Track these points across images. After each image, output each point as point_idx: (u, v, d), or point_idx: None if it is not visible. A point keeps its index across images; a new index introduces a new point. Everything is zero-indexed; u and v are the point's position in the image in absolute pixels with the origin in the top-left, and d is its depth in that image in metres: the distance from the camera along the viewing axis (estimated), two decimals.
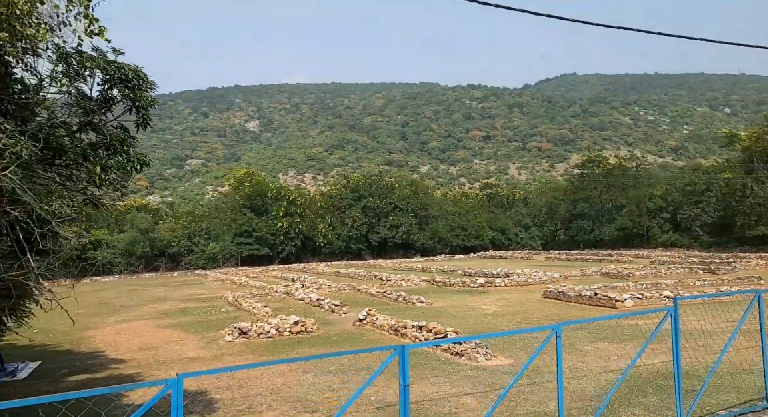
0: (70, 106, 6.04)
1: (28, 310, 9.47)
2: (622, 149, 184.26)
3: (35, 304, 9.83)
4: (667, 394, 10.27)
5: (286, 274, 45.47)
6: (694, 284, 26.08)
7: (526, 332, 13.19)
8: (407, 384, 5.28)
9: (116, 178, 6.45)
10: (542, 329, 7.02)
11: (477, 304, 23.80)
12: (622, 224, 67.84)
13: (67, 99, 6.36)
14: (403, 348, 5.34)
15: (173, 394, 4.29)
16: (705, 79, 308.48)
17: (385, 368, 5.64)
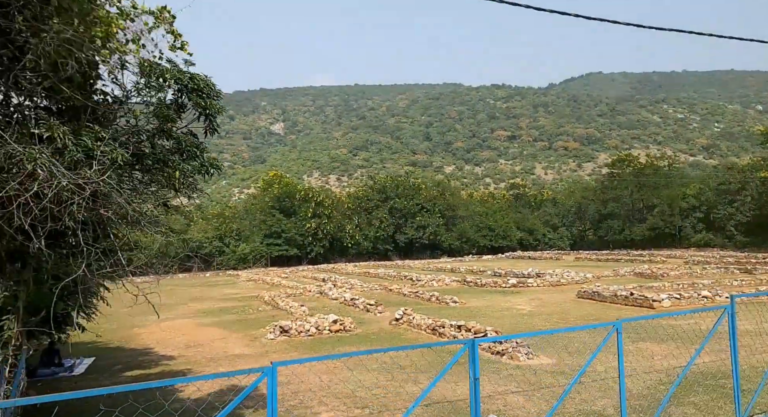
0: (148, 114, 6.41)
1: (95, 306, 9.95)
2: (651, 148, 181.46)
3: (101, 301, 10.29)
4: (717, 394, 10.31)
5: (316, 275, 45.97)
6: (731, 284, 25.73)
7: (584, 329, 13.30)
8: (477, 377, 5.50)
9: (192, 181, 6.82)
10: (603, 326, 7.16)
11: (511, 305, 23.86)
12: (653, 224, 66.85)
13: (146, 107, 6.74)
14: (473, 342, 5.57)
15: (269, 381, 4.59)
16: (736, 76, 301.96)
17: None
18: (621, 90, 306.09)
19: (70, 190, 5.09)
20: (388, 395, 11.28)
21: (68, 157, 5.30)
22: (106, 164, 5.50)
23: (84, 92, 6.14)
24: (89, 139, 5.56)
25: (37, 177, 5.12)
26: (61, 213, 5.13)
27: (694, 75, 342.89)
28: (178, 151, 6.91)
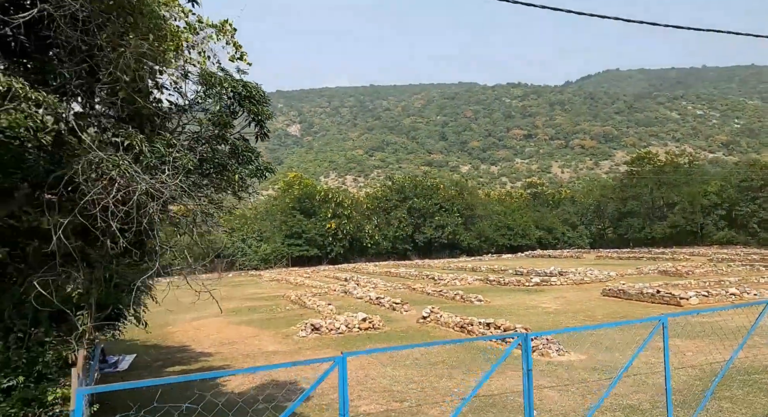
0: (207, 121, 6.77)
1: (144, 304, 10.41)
2: (670, 145, 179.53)
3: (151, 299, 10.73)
4: (752, 388, 10.47)
5: (338, 274, 46.40)
6: (758, 282, 25.62)
7: (630, 324, 13.57)
8: (530, 368, 5.78)
9: (249, 184, 7.20)
10: (648, 320, 7.39)
11: (535, 303, 24.01)
12: (674, 222, 66.33)
13: (205, 115, 7.12)
14: (526, 336, 5.85)
15: (339, 370, 4.93)
16: (757, 71, 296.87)
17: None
18: (638, 87, 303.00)
19: (149, 194, 5.46)
20: (425, 390, 11.58)
21: (145, 163, 5.68)
22: (179, 169, 5.87)
23: (151, 101, 6.52)
24: (161, 146, 5.94)
25: (115, 182, 5.52)
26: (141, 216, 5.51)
27: (713, 70, 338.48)
28: (234, 156, 7.28)
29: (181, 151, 5.98)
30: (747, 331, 12.86)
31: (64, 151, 6.03)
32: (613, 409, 10.00)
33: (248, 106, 7.37)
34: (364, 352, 5.73)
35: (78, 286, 6.57)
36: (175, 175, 5.79)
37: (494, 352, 14.82)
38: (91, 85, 5.92)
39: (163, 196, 5.39)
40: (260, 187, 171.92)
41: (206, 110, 6.92)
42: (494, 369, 6.10)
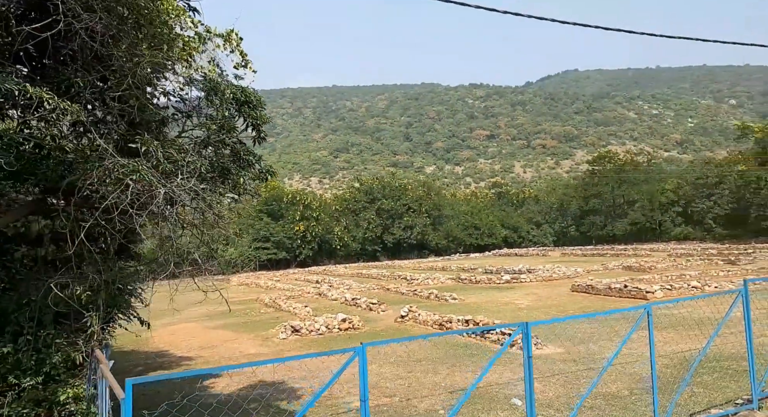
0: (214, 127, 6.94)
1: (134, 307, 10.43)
2: (628, 144, 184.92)
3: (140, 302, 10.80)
4: (720, 374, 11.14)
5: (308, 277, 46.39)
6: (717, 275, 26.88)
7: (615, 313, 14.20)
8: (530, 355, 6.16)
9: (252, 187, 7.40)
10: (634, 309, 7.89)
11: (508, 299, 24.65)
12: (634, 219, 68.60)
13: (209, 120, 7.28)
14: (527, 324, 6.22)
15: (360, 360, 5.23)
16: (708, 71, 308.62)
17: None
18: (597, 87, 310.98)
19: (168, 199, 5.63)
20: (412, 385, 11.93)
21: (161, 169, 5.85)
22: (192, 174, 6.05)
23: (160, 107, 6.68)
24: (174, 151, 6.11)
25: (129, 187, 5.67)
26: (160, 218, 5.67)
27: (667, 71, 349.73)
28: (236, 160, 7.47)
29: (193, 156, 6.15)
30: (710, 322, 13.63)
31: (77, 157, 6.14)
32: (594, 396, 10.48)
33: (247, 111, 7.56)
34: (381, 342, 6.03)
35: (86, 288, 6.68)
36: (189, 179, 5.97)
37: (475, 348, 15.29)
38: (103, 93, 6.04)
39: (182, 200, 5.56)
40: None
41: (208, 116, 7.08)
42: (495, 359, 6.46)
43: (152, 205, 5.60)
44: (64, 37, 5.51)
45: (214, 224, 6.67)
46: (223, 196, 7.17)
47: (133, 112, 6.22)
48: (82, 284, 6.66)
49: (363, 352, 5.23)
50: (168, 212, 5.72)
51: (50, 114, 5.04)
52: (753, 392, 7.96)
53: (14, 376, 6.29)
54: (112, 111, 6.12)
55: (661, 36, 10.25)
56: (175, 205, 5.66)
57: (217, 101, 6.99)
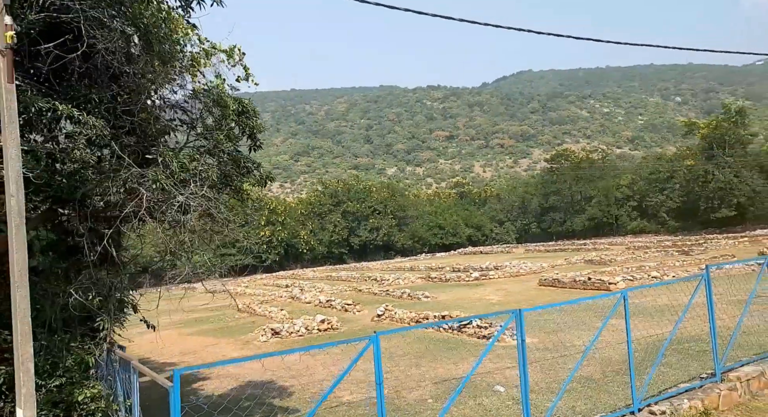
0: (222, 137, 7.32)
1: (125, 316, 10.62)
2: (582, 142, 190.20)
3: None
4: (683, 355, 12.05)
5: (278, 282, 46.41)
6: (674, 265, 28.35)
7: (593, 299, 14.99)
8: (524, 339, 6.77)
9: (254, 193, 7.79)
10: (611, 295, 8.59)
11: (479, 296, 25.45)
12: (592, 214, 70.99)
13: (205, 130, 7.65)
14: (519, 311, 6.83)
15: (374, 348, 5.73)
16: (655, 70, 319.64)
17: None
18: (550, 87, 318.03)
19: (186, 206, 6.01)
20: (398, 378, 12.44)
21: (177, 177, 6.21)
22: (204, 182, 6.44)
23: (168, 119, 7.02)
24: (187, 160, 6.48)
25: (143, 195, 6.03)
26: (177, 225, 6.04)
27: (617, 70, 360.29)
28: (237, 167, 7.86)
29: (204, 164, 6.53)
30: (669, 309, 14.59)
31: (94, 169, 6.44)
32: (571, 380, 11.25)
33: (244, 120, 7.95)
34: (393, 330, 6.55)
35: (98, 293, 6.97)
36: (201, 187, 6.35)
37: (453, 342, 15.93)
38: (116, 107, 6.37)
39: (196, 206, 5.94)
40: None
41: (212, 126, 7.44)
42: (491, 347, 7.06)
43: (168, 212, 5.94)
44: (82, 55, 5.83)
45: (222, 229, 7.03)
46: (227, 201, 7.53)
47: (146, 124, 6.56)
48: (95, 290, 6.94)
49: (377, 340, 5.73)
50: (184, 219, 6.07)
51: (78, 129, 5.34)
52: (716, 367, 8.79)
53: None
54: (125, 124, 6.45)
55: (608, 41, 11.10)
56: (189, 213, 6.02)
57: (218, 112, 7.35)
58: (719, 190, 54.56)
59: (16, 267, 4.67)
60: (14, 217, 4.69)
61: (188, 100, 7.00)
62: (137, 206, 6.00)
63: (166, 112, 7.08)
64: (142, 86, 6.01)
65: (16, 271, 4.67)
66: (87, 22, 5.59)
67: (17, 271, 4.67)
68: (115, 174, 6.14)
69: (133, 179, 6.08)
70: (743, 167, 55.56)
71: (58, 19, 5.71)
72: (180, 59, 6.20)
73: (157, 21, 6.05)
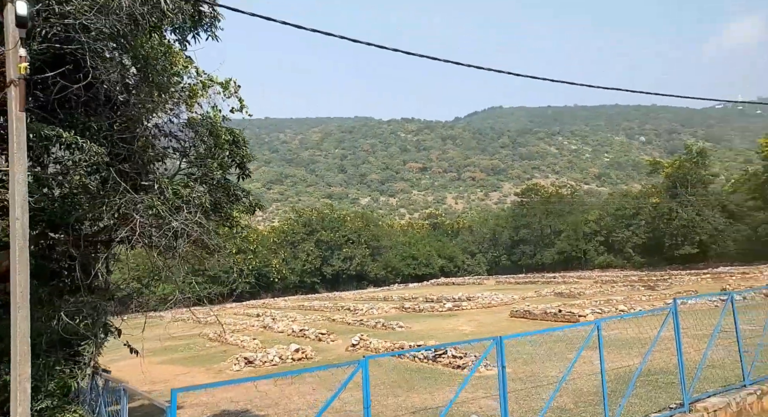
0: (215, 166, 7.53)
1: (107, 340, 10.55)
2: (551, 177, 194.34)
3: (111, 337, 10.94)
4: (651, 387, 12.41)
5: (248, 311, 45.84)
6: (640, 299, 29.08)
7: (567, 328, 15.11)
8: (504, 365, 7.02)
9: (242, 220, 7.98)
10: (586, 325, 8.90)
11: (452, 326, 25.64)
12: (561, 248, 72.25)
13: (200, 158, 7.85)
14: (500, 339, 7.09)
15: (363, 372, 5.91)
16: (621, 110, 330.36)
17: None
18: (520, 123, 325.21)
19: (180, 231, 6.18)
20: (375, 407, 12.40)
21: (171, 204, 6.39)
22: (197, 208, 6.62)
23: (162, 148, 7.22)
24: (180, 187, 6.66)
25: (134, 221, 6.19)
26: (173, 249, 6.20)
27: (584, 109, 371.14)
28: (227, 195, 8.06)
29: (197, 192, 6.72)
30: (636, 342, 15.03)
31: (82, 194, 6.57)
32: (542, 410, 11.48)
33: (234, 150, 8.19)
34: (384, 354, 6.73)
35: (85, 317, 7.02)
36: (195, 213, 6.53)
37: (427, 371, 16.06)
38: (113, 135, 6.55)
39: (195, 233, 6.11)
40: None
41: (205, 154, 7.64)
42: (472, 374, 7.27)
43: (163, 238, 6.09)
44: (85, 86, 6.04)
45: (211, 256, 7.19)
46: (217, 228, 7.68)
47: (140, 151, 6.75)
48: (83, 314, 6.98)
49: (366, 364, 5.92)
50: (177, 245, 6.22)
51: (79, 155, 5.50)
52: (684, 398, 9.15)
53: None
54: (122, 151, 6.63)
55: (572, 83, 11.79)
56: (182, 238, 6.18)
57: (211, 141, 7.58)
58: (683, 228, 56.36)
59: (18, 288, 4.77)
60: (18, 240, 4.81)
61: (182, 129, 7.21)
62: (131, 231, 6.13)
63: (160, 141, 7.27)
64: (139, 115, 6.22)
65: (18, 292, 4.77)
66: (89, 54, 5.82)
67: (19, 292, 4.77)
68: (110, 199, 6.28)
69: (127, 205, 6.23)
70: (705, 206, 57.58)
71: (62, 51, 5.93)
72: (178, 90, 6.43)
73: (157, 54, 6.31)
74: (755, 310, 19.78)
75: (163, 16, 5.97)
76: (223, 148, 7.28)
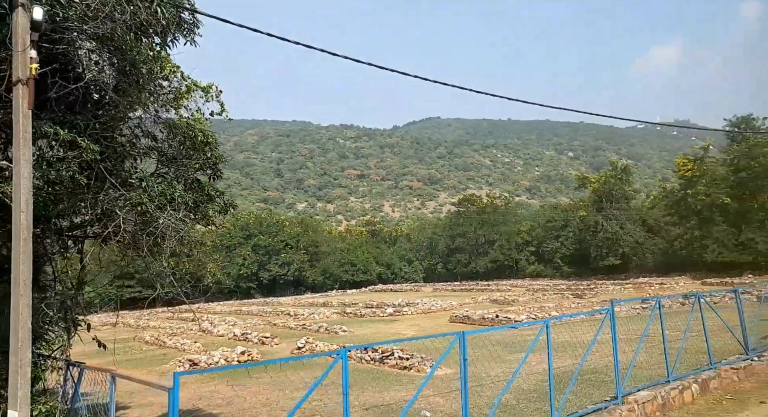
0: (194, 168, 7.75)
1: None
2: (484, 188, 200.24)
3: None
4: (585, 384, 13.43)
5: (183, 315, 44.82)
6: (570, 307, 30.80)
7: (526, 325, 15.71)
8: (466, 358, 7.62)
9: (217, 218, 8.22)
10: (538, 323, 9.64)
11: (394, 330, 26.25)
12: (494, 257, 74.76)
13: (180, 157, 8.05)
14: (463, 333, 7.70)
15: (343, 362, 6.35)
16: (551, 125, 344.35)
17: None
18: (456, 135, 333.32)
19: (167, 229, 6.43)
20: (329, 405, 12.84)
21: (157, 202, 6.61)
22: (180, 206, 6.87)
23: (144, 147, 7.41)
24: (165, 186, 6.89)
25: (118, 219, 6.40)
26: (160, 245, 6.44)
27: (516, 123, 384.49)
28: (202, 194, 8.30)
29: (179, 190, 6.96)
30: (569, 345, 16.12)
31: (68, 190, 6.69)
32: (488, 407, 12.20)
33: (208, 150, 8.45)
34: (362, 346, 7.18)
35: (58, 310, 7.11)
36: (178, 211, 6.78)
37: (376, 372, 16.55)
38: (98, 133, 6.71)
39: (182, 231, 6.36)
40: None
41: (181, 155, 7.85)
42: (437, 366, 7.82)
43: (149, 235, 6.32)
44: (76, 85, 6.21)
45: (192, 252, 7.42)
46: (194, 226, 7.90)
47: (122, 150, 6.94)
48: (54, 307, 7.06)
49: (345, 354, 6.36)
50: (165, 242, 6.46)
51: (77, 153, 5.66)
52: (618, 391, 10.10)
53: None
54: (105, 150, 6.79)
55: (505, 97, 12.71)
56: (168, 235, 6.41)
57: (189, 143, 7.82)
58: (607, 240, 59.83)
59: (21, 277, 4.94)
60: (22, 231, 4.98)
61: (162, 130, 7.41)
62: (116, 227, 6.32)
63: (142, 140, 7.44)
64: (124, 115, 6.42)
65: (21, 281, 4.94)
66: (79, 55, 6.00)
67: (22, 281, 4.94)
68: (95, 195, 6.44)
69: (113, 201, 6.41)
70: (627, 220, 61.34)
71: (53, 51, 6.07)
72: (164, 93, 6.67)
73: (146, 58, 6.54)
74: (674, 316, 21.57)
75: (157, 23, 6.22)
76: (198, 150, 7.52)
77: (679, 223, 56.50)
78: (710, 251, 50.85)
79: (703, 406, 11.36)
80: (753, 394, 12.07)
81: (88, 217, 6.68)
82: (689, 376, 11.93)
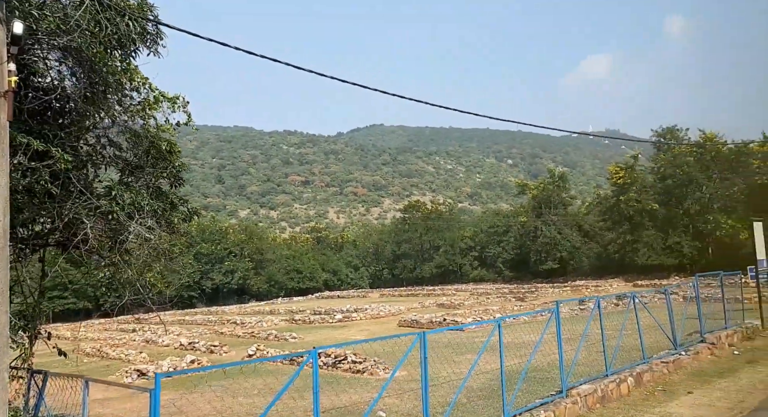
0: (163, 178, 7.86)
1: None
2: (428, 195, 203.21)
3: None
4: (531, 382, 14.12)
5: (122, 326, 43.43)
6: (513, 309, 31.95)
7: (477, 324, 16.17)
8: (426, 356, 8.05)
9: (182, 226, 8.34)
10: (489, 322, 10.19)
11: (345, 336, 26.50)
12: (439, 263, 76.13)
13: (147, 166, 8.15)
14: (423, 334, 8.12)
15: (314, 361, 6.64)
16: (491, 133, 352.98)
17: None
18: (400, 141, 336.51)
19: (139, 235, 6.58)
20: (285, 409, 13.00)
21: (127, 210, 6.73)
22: (148, 215, 7.01)
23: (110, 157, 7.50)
24: (134, 194, 7.00)
25: (85, 226, 6.50)
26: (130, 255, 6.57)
27: (458, 131, 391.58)
28: (166, 203, 8.42)
29: (146, 199, 7.09)
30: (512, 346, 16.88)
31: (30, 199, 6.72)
32: (441, 405, 12.70)
33: (172, 159, 8.59)
34: (334, 345, 7.48)
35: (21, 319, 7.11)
36: (146, 219, 6.92)
37: (329, 377, 16.67)
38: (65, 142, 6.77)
39: (152, 239, 6.50)
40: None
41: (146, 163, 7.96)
42: (399, 366, 8.21)
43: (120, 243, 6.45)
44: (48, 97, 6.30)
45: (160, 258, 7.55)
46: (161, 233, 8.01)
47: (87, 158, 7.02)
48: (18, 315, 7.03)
49: (315, 354, 6.66)
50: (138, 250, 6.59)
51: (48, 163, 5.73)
52: (563, 385, 10.79)
53: None
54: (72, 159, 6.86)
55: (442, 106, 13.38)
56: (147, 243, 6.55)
57: (155, 152, 7.95)
58: (546, 245, 62.20)
59: (0, 285, 5.02)
60: (0, 239, 5.06)
61: (129, 140, 7.51)
62: (84, 235, 6.41)
63: (107, 149, 7.51)
64: (90, 124, 6.52)
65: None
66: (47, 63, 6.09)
67: (0, 288, 5.02)
68: (60, 204, 6.50)
69: (81, 210, 6.49)
70: (565, 226, 64.01)
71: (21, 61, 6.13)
72: (134, 104, 6.81)
73: (114, 70, 6.68)
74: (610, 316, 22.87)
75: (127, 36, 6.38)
76: (164, 158, 7.65)
77: (612, 228, 59.35)
78: (641, 255, 53.74)
79: (638, 397, 12.27)
80: (681, 386, 13.14)
81: (51, 226, 6.70)
82: (625, 370, 12.81)
